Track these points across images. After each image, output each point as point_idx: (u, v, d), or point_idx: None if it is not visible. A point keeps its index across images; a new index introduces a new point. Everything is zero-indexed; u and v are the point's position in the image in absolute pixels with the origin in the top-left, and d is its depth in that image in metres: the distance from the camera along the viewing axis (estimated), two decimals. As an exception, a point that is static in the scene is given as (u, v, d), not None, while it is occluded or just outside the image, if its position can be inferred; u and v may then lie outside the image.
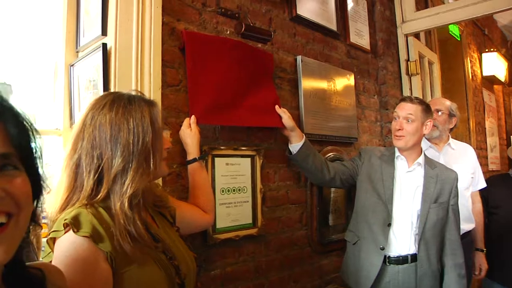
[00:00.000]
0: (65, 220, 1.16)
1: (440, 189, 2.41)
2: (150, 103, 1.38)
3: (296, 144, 2.43)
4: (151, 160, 1.30)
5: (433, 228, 2.36)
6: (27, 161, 0.79)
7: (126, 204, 1.23)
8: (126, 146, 1.25)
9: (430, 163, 2.50)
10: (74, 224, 1.15)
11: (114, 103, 1.31)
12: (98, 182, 1.25)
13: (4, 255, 0.73)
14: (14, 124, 0.77)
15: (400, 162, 2.50)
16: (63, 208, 1.24)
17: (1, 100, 0.77)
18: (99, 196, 1.24)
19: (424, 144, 3.02)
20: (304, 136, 2.48)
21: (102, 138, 1.26)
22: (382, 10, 3.79)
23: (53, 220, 1.23)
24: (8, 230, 0.74)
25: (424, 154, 2.54)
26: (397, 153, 2.52)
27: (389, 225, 2.37)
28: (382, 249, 2.36)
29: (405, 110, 2.46)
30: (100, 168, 1.25)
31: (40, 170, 0.84)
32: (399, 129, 2.45)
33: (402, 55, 3.91)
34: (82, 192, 1.24)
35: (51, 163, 2.21)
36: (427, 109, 2.48)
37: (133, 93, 1.41)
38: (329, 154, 2.95)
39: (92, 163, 1.25)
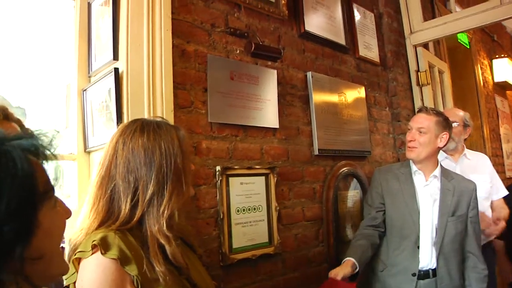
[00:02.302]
0: (93, 241, 1.16)
1: (457, 201, 2.35)
2: (176, 127, 1.41)
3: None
4: (183, 181, 1.33)
5: (452, 243, 2.30)
6: None
7: (165, 225, 1.26)
8: (159, 169, 1.28)
9: (446, 175, 2.45)
10: (103, 245, 1.16)
11: (144, 128, 1.34)
12: (133, 206, 1.27)
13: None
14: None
15: (418, 177, 2.44)
16: (92, 231, 1.25)
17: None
18: (134, 219, 1.26)
19: (440, 155, 2.99)
20: (353, 262, 2.22)
21: (137, 162, 1.28)
22: (389, 22, 3.81)
23: (79, 242, 1.23)
24: None
25: (441, 166, 2.49)
26: (414, 168, 2.46)
27: (419, 247, 2.32)
28: (414, 275, 2.29)
29: (418, 121, 2.42)
30: (138, 192, 1.27)
31: None
32: (411, 140, 2.42)
33: (412, 66, 3.91)
34: (120, 216, 1.26)
35: (66, 187, 2.23)
36: (443, 122, 2.41)
37: (158, 119, 1.43)
38: (343, 169, 2.94)
39: (129, 187, 1.27)
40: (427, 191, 2.41)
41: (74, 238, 1.26)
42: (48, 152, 0.77)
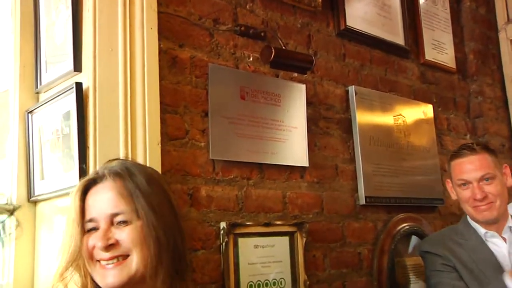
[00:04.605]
0: None
1: None
2: (82, 187, 1.62)
3: None
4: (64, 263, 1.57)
5: None
6: None
7: None
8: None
9: None
10: None
11: None
12: None
13: None
14: None
15: (494, 241, 2.63)
16: None
17: None
18: None
19: None
20: None
21: None
22: (473, 8, 3.96)
23: None
24: None
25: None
26: (481, 230, 2.64)
27: None
28: None
29: (476, 167, 2.57)
30: None
31: None
32: (483, 198, 2.56)
33: (508, 72, 4.03)
34: None
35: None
36: (494, 153, 2.63)
37: (102, 165, 1.68)
38: (403, 225, 3.09)
39: None
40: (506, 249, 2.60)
41: None
42: None
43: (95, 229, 1.51)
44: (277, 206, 2.57)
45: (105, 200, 1.53)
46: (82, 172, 1.99)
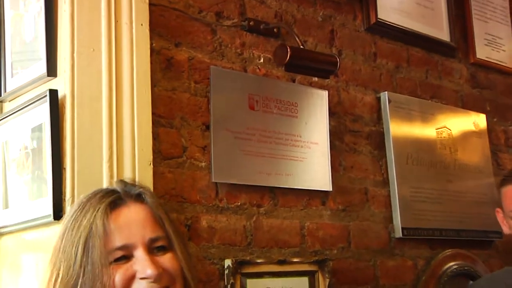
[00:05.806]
0: None
1: None
2: (101, 208, 1.59)
3: None
4: None
5: None
6: None
7: None
8: (50, 277, 1.59)
9: None
10: None
11: (73, 208, 1.68)
12: None
13: None
14: None
15: None
16: None
17: None
18: None
19: None
20: None
21: None
22: None
23: None
24: None
25: None
26: None
27: None
28: None
29: None
30: None
31: None
32: None
33: None
34: None
35: None
36: None
37: (115, 185, 1.72)
38: (450, 264, 3.16)
39: None
40: None
41: None
42: None
43: (125, 257, 1.51)
44: (294, 240, 2.64)
45: (141, 223, 1.55)
46: (57, 199, 2.01)
